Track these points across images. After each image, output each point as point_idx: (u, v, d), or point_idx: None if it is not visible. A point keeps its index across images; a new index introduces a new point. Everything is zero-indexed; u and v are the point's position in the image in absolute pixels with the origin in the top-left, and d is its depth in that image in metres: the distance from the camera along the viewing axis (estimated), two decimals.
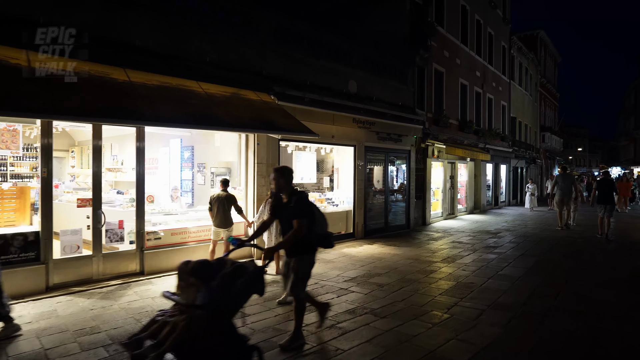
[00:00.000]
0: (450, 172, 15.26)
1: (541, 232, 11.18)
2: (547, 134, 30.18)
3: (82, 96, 5.01)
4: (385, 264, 7.21)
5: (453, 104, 14.90)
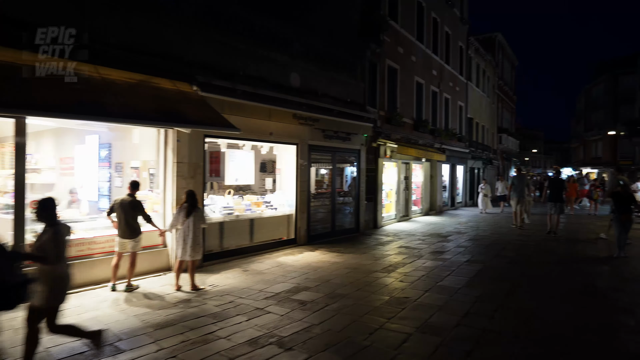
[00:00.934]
0: (405, 173, 14.83)
1: (492, 234, 10.87)
2: (504, 135, 30.73)
3: None
4: (320, 275, 6.49)
5: (408, 102, 14.48)
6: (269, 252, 8.38)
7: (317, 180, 10.21)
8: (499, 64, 29.82)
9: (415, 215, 15.52)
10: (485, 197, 17.42)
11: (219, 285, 6.01)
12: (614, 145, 37.60)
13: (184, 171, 6.86)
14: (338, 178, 10.99)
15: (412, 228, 12.29)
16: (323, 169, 10.43)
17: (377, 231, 11.68)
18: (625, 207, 7.79)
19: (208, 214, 7.55)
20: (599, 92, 40.31)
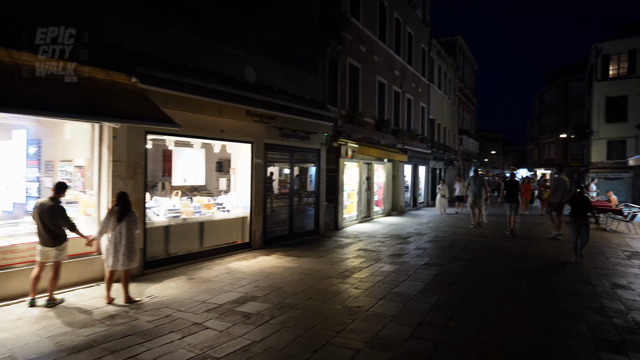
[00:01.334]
0: (367, 173, 14.67)
1: (451, 235, 10.86)
2: (464, 136, 31.53)
3: None
4: (271, 283, 6.08)
5: (370, 102, 14.32)
6: (220, 257, 7.87)
7: (274, 180, 9.78)
8: (459, 66, 30.53)
9: (378, 215, 15.41)
10: (442, 198, 17.15)
11: (158, 296, 5.47)
12: (565, 147, 39.61)
13: (122, 171, 6.23)
14: (297, 178, 10.60)
15: (373, 229, 12.11)
16: (281, 169, 10.01)
17: (337, 233, 11.40)
18: (580, 210, 7.56)
19: (150, 218, 6.97)
20: (552, 97, 42.33)
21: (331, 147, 11.73)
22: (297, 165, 10.47)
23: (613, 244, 9.85)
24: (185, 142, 7.89)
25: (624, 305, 5.15)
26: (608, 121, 24.76)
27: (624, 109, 24.13)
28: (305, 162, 10.86)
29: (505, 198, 11.43)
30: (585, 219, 7.58)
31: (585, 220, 7.59)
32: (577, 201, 7.65)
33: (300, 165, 10.74)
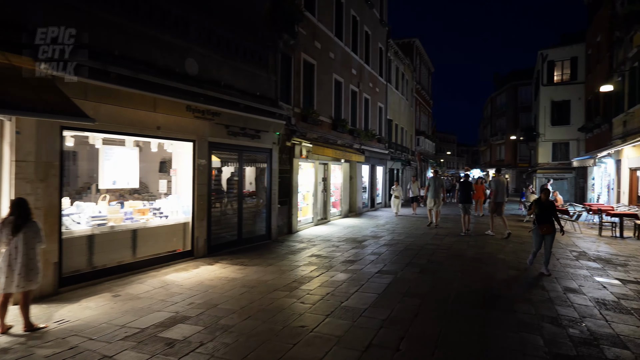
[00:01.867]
0: (323, 174, 14.22)
1: (407, 238, 10.62)
2: (421, 137, 32.04)
3: None
4: (208, 298, 5.41)
5: (326, 100, 13.87)
6: (157, 269, 7.07)
7: (220, 182, 9.04)
8: (416, 68, 30.96)
9: (334, 217, 15.01)
10: (396, 199, 16.61)
11: (70, 320, 4.64)
12: (514, 148, 41.48)
13: (29, 173, 5.30)
14: (247, 180, 9.92)
15: (328, 232, 11.66)
16: (229, 170, 9.29)
17: (291, 237, 10.84)
18: (545, 216, 6.72)
19: (69, 226, 6.05)
20: (502, 100, 44.21)
21: (284, 147, 11.15)
22: (247, 165, 9.80)
23: (561, 243, 10.01)
24: (117, 140, 7.01)
25: (578, 312, 4.99)
26: (553, 124, 25.99)
27: (567, 113, 25.41)
28: (255, 163, 10.20)
29: (459, 198, 11.84)
30: (550, 227, 6.70)
31: (551, 228, 6.71)
32: (541, 206, 6.82)
33: (251, 165, 10.06)
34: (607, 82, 14.91)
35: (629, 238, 11.23)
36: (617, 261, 8.05)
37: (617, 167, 16.41)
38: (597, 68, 20.59)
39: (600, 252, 9.06)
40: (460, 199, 11.78)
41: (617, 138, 16.04)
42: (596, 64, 20.86)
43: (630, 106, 14.49)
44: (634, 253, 9.01)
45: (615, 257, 8.50)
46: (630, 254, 8.83)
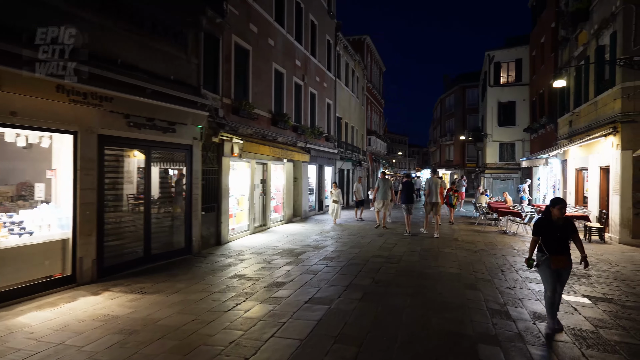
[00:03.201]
0: (262, 175, 12.66)
1: (352, 248, 9.34)
2: (372, 137, 31.33)
3: None
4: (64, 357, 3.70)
5: (264, 92, 12.32)
6: (15, 304, 5.20)
7: (119, 185, 7.21)
8: (367, 66, 30.20)
9: (276, 223, 13.48)
10: (334, 204, 13.99)
11: None
12: (462, 149, 42.23)
13: None
14: (158, 181, 8.15)
15: (265, 242, 10.12)
16: (129, 169, 7.49)
17: (219, 250, 9.19)
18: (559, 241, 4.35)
19: None
20: (451, 101, 44.94)
21: (210, 143, 9.48)
22: (157, 165, 8.04)
23: (517, 250, 9.22)
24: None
25: (556, 356, 3.87)
26: (500, 125, 26.22)
27: (513, 114, 25.72)
28: (171, 162, 8.45)
29: (401, 199, 11.81)
30: (567, 258, 4.39)
31: (568, 261, 4.39)
32: (551, 225, 4.40)
33: (164, 165, 8.30)
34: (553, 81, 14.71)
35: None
36: (578, 272, 7.25)
37: (563, 167, 16.34)
38: (542, 69, 20.75)
39: None
40: (402, 200, 11.80)
41: (563, 138, 15.94)
42: (540, 65, 21.04)
43: (575, 106, 14.31)
44: (590, 260, 8.33)
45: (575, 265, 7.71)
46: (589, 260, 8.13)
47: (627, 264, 7.99)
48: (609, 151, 11.10)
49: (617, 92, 10.65)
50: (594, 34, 12.42)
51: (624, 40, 10.46)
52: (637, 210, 10.25)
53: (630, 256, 8.83)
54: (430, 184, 11.33)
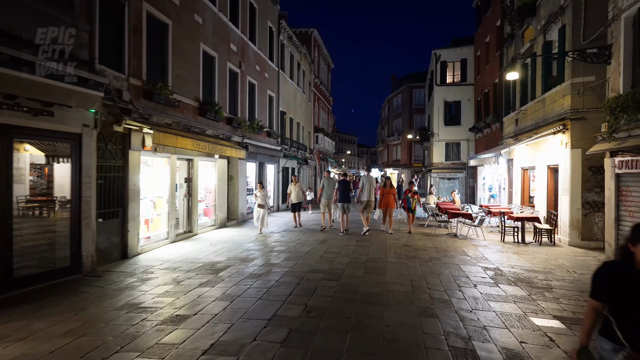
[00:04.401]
0: (187, 173, 10.88)
1: (287, 260, 7.94)
2: (320, 135, 30.17)
3: None
4: None
5: (190, 76, 10.55)
6: None
7: None
8: (315, 61, 28.99)
9: (206, 229, 11.74)
10: (259, 209, 11.21)
11: None
12: (409, 149, 42.52)
13: None
14: (25, 179, 6.22)
15: (186, 253, 8.43)
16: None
17: (123, 265, 7.38)
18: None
19: None
20: (399, 101, 45.14)
21: (112, 134, 7.62)
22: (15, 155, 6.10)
23: (470, 257, 8.34)
24: None
25: None
26: (446, 124, 26.18)
27: (459, 114, 25.78)
28: (52, 154, 6.53)
29: (338, 198, 11.37)
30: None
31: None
32: (637, 281, 2.21)
33: (38, 157, 6.38)
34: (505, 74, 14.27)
35: (531, 243, 10.21)
36: (539, 283, 6.42)
37: (509, 167, 16.14)
38: (486, 69, 20.73)
39: (515, 267, 7.48)
40: (339, 199, 11.31)
41: (509, 137, 15.72)
42: (485, 65, 21.03)
43: (522, 104, 14.03)
44: (546, 266, 7.63)
45: (533, 275, 6.92)
46: (545, 269, 7.41)
47: (584, 271, 7.35)
48: (558, 150, 10.69)
49: (566, 88, 10.22)
50: (541, 29, 12.06)
51: (574, 34, 10.03)
52: (587, 211, 9.86)
53: (584, 260, 8.28)
54: (364, 182, 11.19)
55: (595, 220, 9.80)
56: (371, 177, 11.56)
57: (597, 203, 9.77)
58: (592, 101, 9.73)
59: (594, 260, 8.35)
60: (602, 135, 8.41)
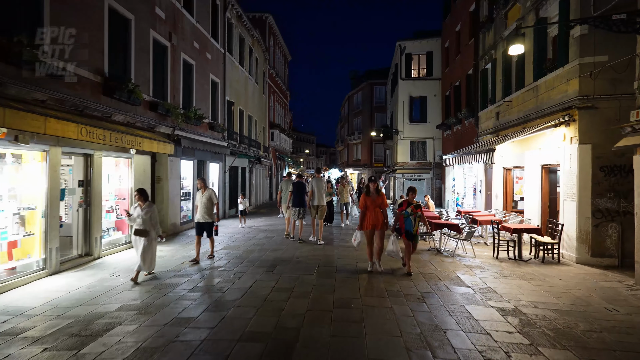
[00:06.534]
0: (83, 173, 7.88)
1: (209, 314, 5.32)
2: (276, 131, 27.48)
3: None
4: None
5: (86, 38, 7.54)
6: None
7: None
8: (270, 50, 26.27)
9: (117, 248, 8.77)
10: (138, 237, 6.44)
11: None
12: (370, 148, 40.85)
13: None
14: None
15: (62, 296, 5.55)
16: None
17: None
18: None
19: None
20: (359, 99, 43.37)
21: None
22: None
23: (470, 287, 6.16)
24: None
25: None
26: (411, 121, 24.48)
27: (425, 110, 24.16)
28: None
29: (292, 202, 10.03)
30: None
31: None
32: None
33: None
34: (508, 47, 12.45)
35: (530, 260, 8.28)
36: (590, 340, 4.29)
37: (486, 167, 14.42)
38: (457, 60, 19.08)
39: (538, 306, 5.35)
40: (293, 203, 10.02)
41: (487, 133, 13.97)
42: (455, 56, 19.38)
43: (505, 95, 12.24)
44: (574, 302, 5.60)
45: (569, 321, 4.80)
46: (575, 306, 5.36)
47: (626, 307, 5.38)
48: (559, 146, 8.86)
49: (572, 71, 8.38)
50: (533, 5, 10.25)
51: (582, 3, 8.18)
52: (598, 220, 8.05)
53: (612, 288, 6.36)
54: (313, 186, 9.90)
55: (609, 232, 8.01)
56: (321, 180, 10.11)
57: (611, 211, 7.99)
58: (604, 86, 7.94)
59: (623, 287, 6.46)
60: (633, 126, 6.53)
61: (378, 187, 7.12)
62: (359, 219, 7.21)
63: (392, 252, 7.00)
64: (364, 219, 7.02)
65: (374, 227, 6.92)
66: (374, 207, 6.96)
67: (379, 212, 6.96)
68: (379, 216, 6.94)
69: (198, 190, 8.15)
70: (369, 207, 6.97)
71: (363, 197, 7.04)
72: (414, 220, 6.94)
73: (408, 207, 6.97)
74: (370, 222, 6.94)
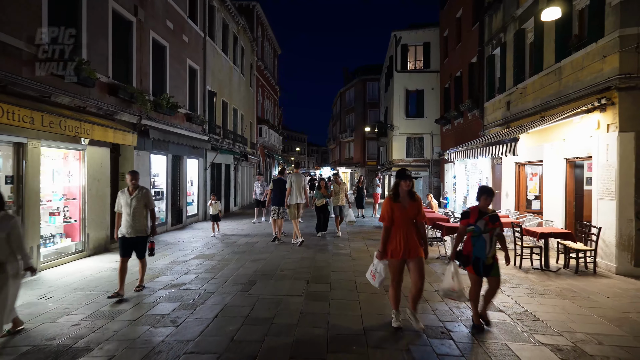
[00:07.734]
0: (14, 167, 6.32)
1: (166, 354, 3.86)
2: (265, 127, 25.95)
3: None
4: None
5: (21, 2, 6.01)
6: None
7: None
8: (258, 41, 24.75)
9: (62, 259, 7.23)
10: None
11: None
12: (363, 146, 39.51)
13: None
14: None
15: None
16: None
17: None
18: None
19: None
20: (351, 95, 42.00)
21: None
22: None
23: (506, 313, 4.77)
24: None
25: None
26: (408, 116, 23.15)
27: (422, 104, 22.85)
28: None
29: (272, 200, 9.71)
30: None
31: None
32: None
33: None
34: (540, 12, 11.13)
35: (559, 271, 6.94)
36: None
37: (494, 163, 13.12)
38: (458, 49, 17.78)
39: (599, 340, 3.98)
40: (273, 201, 9.69)
41: (495, 125, 12.65)
42: (456, 45, 18.07)
43: (517, 82, 10.92)
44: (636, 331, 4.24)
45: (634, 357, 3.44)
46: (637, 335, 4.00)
47: None
48: (591, 135, 7.54)
49: (610, 45, 7.05)
50: None
51: None
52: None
53: None
54: (292, 182, 9.19)
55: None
56: (299, 176, 9.40)
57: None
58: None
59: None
60: None
61: (412, 188, 4.24)
62: (381, 238, 4.22)
63: (449, 290, 4.33)
64: (388, 240, 4.17)
65: (405, 254, 4.09)
66: (406, 220, 4.14)
67: (413, 229, 4.18)
68: (414, 235, 4.16)
69: (121, 192, 5.50)
70: (397, 222, 4.12)
71: (388, 205, 4.17)
72: (490, 242, 4.26)
73: (479, 220, 4.29)
74: (401, 246, 4.08)
